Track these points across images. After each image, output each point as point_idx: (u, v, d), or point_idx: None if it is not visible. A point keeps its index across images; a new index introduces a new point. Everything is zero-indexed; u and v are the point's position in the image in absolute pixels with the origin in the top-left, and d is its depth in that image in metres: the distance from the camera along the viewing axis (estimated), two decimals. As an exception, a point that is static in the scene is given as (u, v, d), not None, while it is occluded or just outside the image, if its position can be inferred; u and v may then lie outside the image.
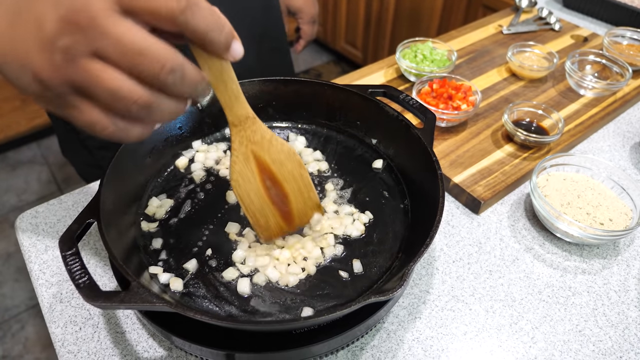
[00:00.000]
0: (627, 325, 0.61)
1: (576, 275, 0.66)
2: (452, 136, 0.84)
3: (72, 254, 0.48)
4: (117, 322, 0.59)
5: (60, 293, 0.62)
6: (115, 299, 0.44)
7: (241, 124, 0.51)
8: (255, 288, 0.57)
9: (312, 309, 0.54)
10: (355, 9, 2.53)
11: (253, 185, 0.55)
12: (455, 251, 0.69)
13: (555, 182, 0.73)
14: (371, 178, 0.70)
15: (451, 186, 0.76)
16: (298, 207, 0.59)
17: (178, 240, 0.62)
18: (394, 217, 0.65)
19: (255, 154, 0.54)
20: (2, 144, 2.32)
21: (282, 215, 0.59)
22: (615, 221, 0.68)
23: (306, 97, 0.75)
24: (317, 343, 0.50)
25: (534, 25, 1.17)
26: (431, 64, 0.96)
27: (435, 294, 0.63)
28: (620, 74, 0.96)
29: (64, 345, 0.57)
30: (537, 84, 0.98)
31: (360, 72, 1.00)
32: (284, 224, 0.60)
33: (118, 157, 0.59)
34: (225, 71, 0.45)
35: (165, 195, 0.67)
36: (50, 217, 0.72)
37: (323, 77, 2.92)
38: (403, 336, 0.59)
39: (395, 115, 0.68)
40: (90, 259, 0.66)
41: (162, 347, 0.57)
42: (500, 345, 0.58)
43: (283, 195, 0.58)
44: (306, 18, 1.13)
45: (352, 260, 0.60)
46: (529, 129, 0.84)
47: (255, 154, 0.54)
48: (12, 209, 2.12)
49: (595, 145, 0.88)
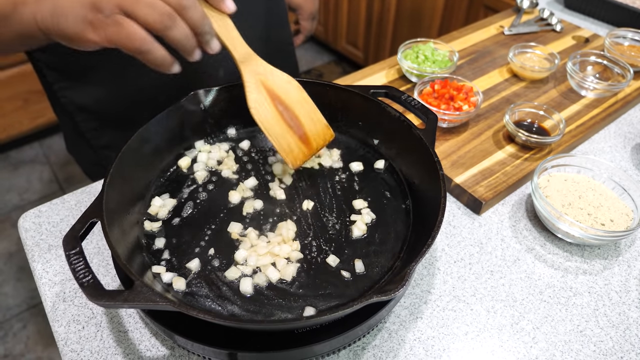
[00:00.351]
0: (628, 325, 0.61)
1: (577, 276, 0.67)
2: (454, 137, 0.84)
3: (76, 253, 0.48)
4: (120, 321, 0.59)
5: (64, 292, 0.63)
6: (118, 298, 0.44)
7: (247, 60, 0.62)
8: (258, 287, 0.57)
9: (314, 308, 0.55)
10: (356, 9, 2.53)
11: (269, 110, 0.64)
12: (456, 251, 0.69)
13: (557, 183, 0.74)
14: (373, 178, 0.71)
15: (452, 187, 0.76)
16: (311, 128, 0.66)
17: (181, 240, 0.62)
18: (395, 218, 0.65)
19: (263, 83, 0.63)
20: (5, 143, 2.33)
21: (300, 137, 0.66)
22: (616, 222, 0.68)
23: (308, 98, 0.75)
24: (319, 342, 0.50)
25: (535, 26, 1.17)
26: (433, 64, 0.96)
27: (437, 294, 0.64)
28: (621, 75, 0.97)
29: (67, 344, 0.57)
30: (539, 85, 0.98)
31: (362, 73, 1.01)
32: (304, 147, 0.66)
33: (121, 157, 0.60)
34: (225, 21, 0.59)
35: (168, 195, 0.67)
36: (53, 216, 0.73)
37: (324, 77, 2.92)
38: (404, 336, 0.59)
39: (397, 115, 0.68)
40: (93, 258, 0.66)
41: (165, 346, 0.57)
42: (502, 346, 0.59)
43: (295, 118, 0.65)
44: (305, 15, 1.16)
45: (354, 260, 0.60)
46: (530, 129, 0.84)
47: (263, 83, 0.63)
48: (14, 208, 2.12)
49: (597, 146, 0.88)
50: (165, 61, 0.52)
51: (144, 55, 0.50)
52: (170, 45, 0.51)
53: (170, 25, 0.49)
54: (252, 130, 0.77)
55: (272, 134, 0.64)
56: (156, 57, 0.51)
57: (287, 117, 0.64)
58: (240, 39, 0.61)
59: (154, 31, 0.49)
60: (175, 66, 0.54)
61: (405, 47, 1.00)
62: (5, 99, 2.17)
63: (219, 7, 0.56)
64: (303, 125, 0.66)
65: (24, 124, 2.29)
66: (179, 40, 0.51)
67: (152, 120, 0.65)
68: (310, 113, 0.66)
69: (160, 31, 0.49)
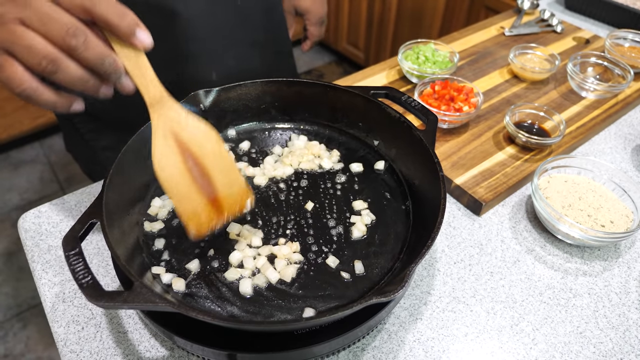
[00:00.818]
0: (628, 327, 0.61)
1: (577, 277, 0.67)
2: (454, 138, 0.84)
3: (76, 254, 0.48)
4: (120, 322, 0.59)
5: (63, 293, 0.63)
6: (118, 298, 0.44)
7: (158, 103, 0.53)
8: (257, 288, 0.57)
9: (313, 309, 0.55)
10: (357, 9, 2.53)
11: (175, 165, 0.54)
12: (456, 252, 0.69)
13: (557, 184, 0.74)
14: (373, 179, 0.71)
15: (452, 188, 0.76)
16: (225, 190, 0.56)
17: (180, 241, 0.62)
18: (395, 219, 0.65)
19: (173, 132, 0.54)
20: (5, 143, 2.33)
21: (209, 200, 0.56)
22: (616, 223, 0.68)
23: (308, 99, 0.75)
24: (318, 344, 0.50)
25: (536, 27, 1.17)
26: (433, 65, 0.96)
27: (437, 295, 0.64)
28: (621, 76, 0.96)
29: (67, 344, 0.57)
30: (539, 86, 0.98)
31: (362, 74, 1.01)
32: (212, 212, 0.57)
33: (121, 158, 0.60)
34: (139, 58, 0.49)
35: (167, 196, 0.67)
36: (53, 217, 0.73)
37: (325, 77, 2.92)
38: (404, 337, 0.59)
39: (397, 116, 0.68)
40: (93, 258, 0.66)
41: (164, 347, 0.57)
42: (501, 347, 0.59)
43: (206, 176, 0.55)
44: (313, 19, 1.12)
45: (354, 261, 0.60)
46: (530, 130, 0.84)
47: (173, 131, 0.54)
48: (14, 208, 2.12)
49: (597, 147, 0.88)
50: (57, 104, 0.47)
51: (29, 101, 0.46)
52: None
53: (54, 70, 0.44)
54: (251, 130, 0.77)
55: (175, 196, 0.54)
56: (41, 102, 0.46)
57: (197, 175, 0.55)
58: (154, 79, 0.51)
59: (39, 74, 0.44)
60: (76, 105, 0.48)
61: (406, 47, 1.00)
62: (5, 99, 2.17)
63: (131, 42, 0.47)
64: (215, 184, 0.56)
65: (24, 123, 2.29)
66: (69, 83, 0.45)
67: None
68: (226, 171, 0.56)
69: (45, 75, 0.44)
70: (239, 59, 0.89)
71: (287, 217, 0.65)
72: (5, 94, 2.16)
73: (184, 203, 0.55)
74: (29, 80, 0.44)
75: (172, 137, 0.54)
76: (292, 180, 0.70)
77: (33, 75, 0.44)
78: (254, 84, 0.73)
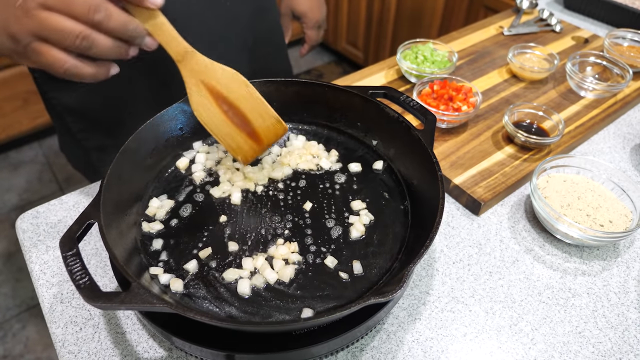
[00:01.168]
0: (627, 326, 0.61)
1: (576, 277, 0.66)
2: (453, 137, 0.84)
3: (73, 254, 0.48)
4: (118, 323, 0.59)
5: (61, 293, 0.63)
6: (115, 299, 0.44)
7: (184, 59, 0.59)
8: (256, 289, 0.57)
9: (312, 310, 0.55)
10: (356, 9, 2.53)
11: (212, 111, 0.62)
12: (455, 252, 0.69)
13: (556, 184, 0.73)
14: (371, 179, 0.71)
15: (451, 187, 0.76)
16: (260, 124, 0.64)
17: (178, 241, 0.62)
18: (394, 219, 0.65)
19: (204, 82, 0.61)
20: (4, 143, 2.33)
21: (248, 135, 0.64)
22: (615, 223, 0.68)
23: (307, 98, 0.75)
24: (317, 344, 0.50)
25: (534, 27, 1.17)
26: (432, 65, 0.96)
27: (435, 295, 0.63)
28: (620, 75, 0.96)
29: (65, 345, 0.57)
30: (538, 86, 0.98)
31: (361, 73, 1.00)
32: (253, 144, 0.65)
33: (119, 158, 0.60)
34: (157, 19, 0.54)
35: (166, 196, 0.67)
36: (51, 217, 0.72)
37: (324, 77, 2.92)
38: (403, 337, 0.59)
39: (396, 116, 0.68)
40: (90, 259, 0.66)
41: (163, 347, 0.57)
42: (500, 347, 0.59)
43: (241, 115, 0.63)
44: (310, 23, 1.10)
45: (352, 262, 0.60)
46: (529, 130, 0.84)
47: (204, 82, 0.61)
48: (13, 208, 2.12)
49: (596, 146, 0.88)
50: (99, 74, 0.52)
51: (73, 78, 0.50)
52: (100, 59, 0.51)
53: (89, 46, 0.48)
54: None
55: (218, 135, 0.63)
56: (85, 75, 0.50)
57: (233, 115, 0.63)
58: (175, 35, 0.57)
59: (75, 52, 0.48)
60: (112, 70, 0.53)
61: (405, 47, 1.00)
62: (4, 99, 2.17)
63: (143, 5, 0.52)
64: (251, 121, 0.64)
65: (23, 124, 2.29)
66: (104, 54, 0.50)
67: (149, 121, 0.65)
68: (257, 108, 0.63)
69: (80, 52, 0.48)
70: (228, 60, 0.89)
71: (285, 217, 0.65)
72: (3, 95, 2.16)
73: (228, 140, 0.64)
74: (69, 59, 0.48)
75: (204, 87, 0.61)
76: (291, 180, 0.70)
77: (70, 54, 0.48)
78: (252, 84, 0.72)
